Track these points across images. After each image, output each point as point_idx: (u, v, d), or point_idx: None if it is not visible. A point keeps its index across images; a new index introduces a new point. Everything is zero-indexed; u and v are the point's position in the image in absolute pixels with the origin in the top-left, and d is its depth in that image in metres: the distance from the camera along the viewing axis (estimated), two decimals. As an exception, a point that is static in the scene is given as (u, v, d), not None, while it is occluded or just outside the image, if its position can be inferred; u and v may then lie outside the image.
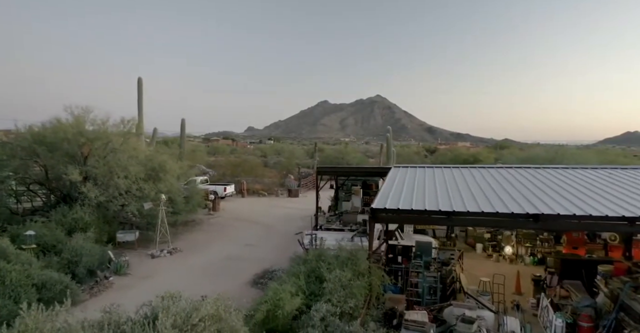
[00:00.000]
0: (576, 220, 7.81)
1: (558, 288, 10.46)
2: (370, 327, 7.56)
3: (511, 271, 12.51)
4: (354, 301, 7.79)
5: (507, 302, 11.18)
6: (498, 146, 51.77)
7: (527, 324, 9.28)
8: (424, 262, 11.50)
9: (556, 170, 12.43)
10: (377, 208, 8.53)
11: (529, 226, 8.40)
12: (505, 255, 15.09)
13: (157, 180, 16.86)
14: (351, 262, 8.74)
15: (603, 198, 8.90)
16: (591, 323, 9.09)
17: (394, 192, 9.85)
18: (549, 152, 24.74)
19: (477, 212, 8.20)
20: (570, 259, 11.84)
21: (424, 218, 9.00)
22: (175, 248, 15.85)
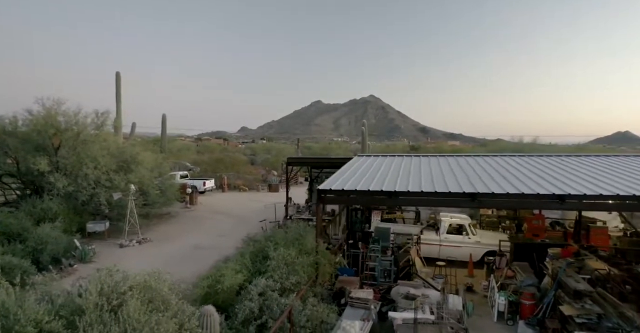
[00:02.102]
0: (508, 198, 8.10)
1: (505, 269, 10.80)
2: (309, 301, 7.81)
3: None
4: (296, 278, 8.03)
5: (461, 284, 11.57)
6: (481, 144, 52.51)
7: (470, 302, 9.60)
8: (381, 246, 11.83)
9: (511, 158, 12.79)
10: (322, 189, 8.79)
11: (467, 205, 8.70)
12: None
13: (129, 171, 17.02)
14: (298, 241, 8.98)
15: (542, 179, 9.23)
16: (533, 301, 9.41)
17: (345, 176, 10.11)
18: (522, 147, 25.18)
19: (417, 192, 8.49)
20: (522, 243, 12.21)
21: (368, 199, 9.27)
22: (145, 238, 16.00)
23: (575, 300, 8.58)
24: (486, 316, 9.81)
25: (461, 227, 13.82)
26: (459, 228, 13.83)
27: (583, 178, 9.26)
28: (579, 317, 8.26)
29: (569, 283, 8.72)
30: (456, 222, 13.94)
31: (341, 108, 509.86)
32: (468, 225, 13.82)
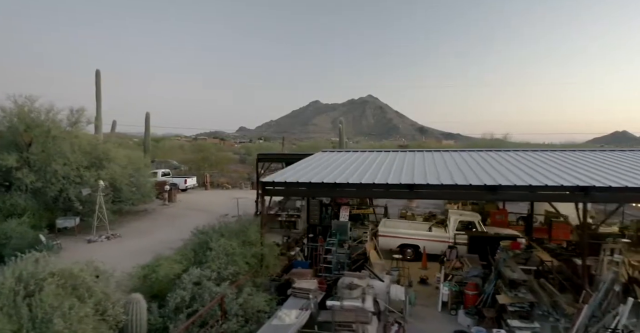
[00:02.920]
0: (442, 189, 8.27)
1: (454, 261, 10.98)
2: (246, 291, 7.97)
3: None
4: (234, 268, 8.18)
5: (416, 276, 11.78)
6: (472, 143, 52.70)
7: (413, 292, 9.77)
8: (337, 240, 12.00)
9: (468, 153, 12.97)
10: (265, 181, 8.96)
11: (405, 195, 8.88)
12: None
13: (101, 167, 17.16)
14: (242, 233, 9.13)
15: (484, 171, 9.40)
16: (476, 291, 9.58)
17: (295, 170, 10.29)
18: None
19: (357, 184, 8.65)
20: (477, 236, 12.38)
21: (310, 190, 9.43)
22: (114, 234, 16.14)
23: (511, 289, 8.77)
24: (433, 306, 10.00)
25: (470, 223, 13.69)
26: (469, 224, 13.72)
27: (524, 171, 9.43)
28: (512, 305, 8.44)
29: (506, 273, 8.90)
30: (466, 219, 13.81)
31: (339, 108, 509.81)
32: (477, 222, 13.72)
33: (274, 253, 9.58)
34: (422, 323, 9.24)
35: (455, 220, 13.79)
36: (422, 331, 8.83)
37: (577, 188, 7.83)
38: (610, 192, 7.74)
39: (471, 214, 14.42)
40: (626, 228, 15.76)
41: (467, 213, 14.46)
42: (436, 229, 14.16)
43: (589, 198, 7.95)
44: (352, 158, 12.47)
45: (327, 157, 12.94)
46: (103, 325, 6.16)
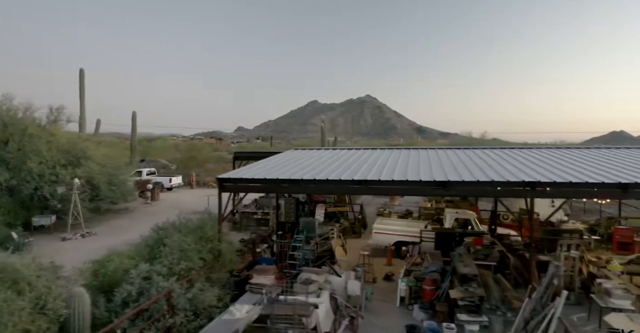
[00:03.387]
0: (393, 185, 8.37)
1: (415, 257, 11.07)
2: (197, 286, 8.06)
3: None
4: (187, 263, 8.26)
5: (382, 272, 11.88)
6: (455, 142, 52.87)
7: (369, 288, 9.88)
8: (305, 237, 12.10)
9: (435, 151, 13.07)
10: (222, 177, 9.05)
11: (357, 191, 8.98)
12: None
13: (78, 166, 17.23)
14: (200, 229, 9.22)
15: (440, 168, 9.50)
16: (433, 286, 9.67)
17: (257, 167, 10.38)
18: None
19: (310, 180, 8.75)
20: (443, 232, 12.48)
21: (266, 187, 9.51)
22: (89, 232, 16.21)
23: (462, 283, 8.86)
24: (392, 302, 10.08)
25: (467, 221, 13.80)
26: (465, 222, 13.81)
27: (479, 166, 9.53)
28: (463, 299, 8.54)
29: (458, 268, 9.00)
30: (462, 217, 13.91)
31: (338, 108, 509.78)
32: (474, 219, 13.83)
33: (233, 250, 9.65)
34: (378, 317, 9.33)
35: (451, 218, 13.94)
36: (376, 325, 8.92)
37: (523, 183, 7.91)
38: (555, 187, 7.82)
39: (467, 212, 14.53)
40: (598, 225, 15.88)
41: (463, 212, 14.56)
42: (432, 227, 14.22)
43: (535, 194, 8.03)
44: (319, 156, 12.56)
45: (296, 154, 13.03)
46: (42, 319, 6.23)
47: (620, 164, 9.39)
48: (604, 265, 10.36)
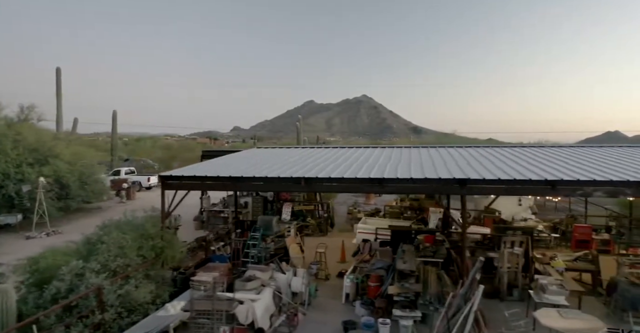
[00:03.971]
0: (331, 182, 8.45)
1: (364, 254, 11.17)
2: (131, 283, 8.13)
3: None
4: (123, 261, 8.32)
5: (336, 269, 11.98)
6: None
7: (313, 284, 9.96)
8: (261, 234, 12.17)
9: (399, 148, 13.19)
10: (163, 175, 9.12)
11: (297, 189, 9.06)
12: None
13: (45, 164, 17.23)
14: (141, 227, 9.28)
15: (382, 166, 9.59)
16: (378, 283, 9.77)
17: (205, 164, 10.44)
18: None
19: (249, 177, 8.82)
20: (398, 230, 12.59)
21: (209, 184, 9.57)
22: (55, 230, 16.23)
23: (400, 279, 8.97)
24: (340, 298, 10.16)
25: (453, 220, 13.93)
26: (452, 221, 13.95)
27: (421, 164, 9.63)
28: (399, 295, 8.64)
29: (397, 265, 9.10)
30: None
31: (334, 108, 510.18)
32: (458, 219, 13.90)
33: (178, 247, 9.71)
34: (321, 314, 9.42)
35: (435, 217, 14.10)
36: (315, 321, 9.01)
37: (453, 180, 8.01)
38: (484, 184, 7.92)
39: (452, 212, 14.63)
40: (559, 223, 16.04)
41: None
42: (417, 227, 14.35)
43: (466, 191, 8.12)
44: (278, 154, 12.64)
45: (256, 152, 13.10)
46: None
47: (555, 162, 9.53)
48: (547, 262, 10.50)
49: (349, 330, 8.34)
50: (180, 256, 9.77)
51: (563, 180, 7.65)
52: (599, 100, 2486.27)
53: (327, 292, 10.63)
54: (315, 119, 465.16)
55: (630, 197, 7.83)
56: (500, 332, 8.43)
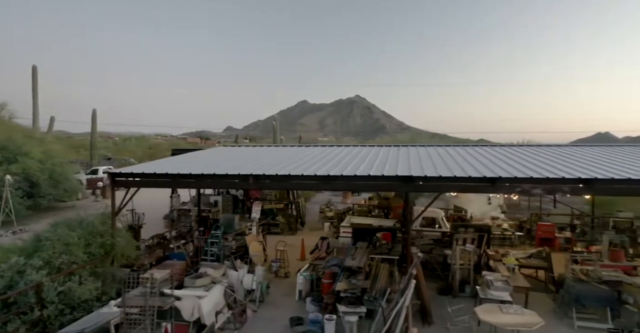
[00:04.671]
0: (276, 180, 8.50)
1: (320, 252, 11.25)
2: (74, 279, 8.12)
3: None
4: (68, 257, 8.31)
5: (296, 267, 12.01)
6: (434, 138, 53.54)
7: (265, 281, 10.00)
8: (222, 232, 12.19)
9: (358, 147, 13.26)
10: (111, 172, 9.11)
11: (245, 186, 9.10)
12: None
13: (14, 162, 17.10)
14: (91, 224, 9.26)
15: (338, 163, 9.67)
16: (331, 280, 9.82)
17: (159, 162, 10.45)
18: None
19: (197, 174, 8.85)
20: (359, 228, 12.68)
21: (160, 182, 9.59)
22: (21, 228, 16.10)
23: (349, 276, 9.04)
24: (294, 295, 10.21)
25: (434, 220, 14.14)
26: (433, 221, 14.12)
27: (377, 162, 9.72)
28: (345, 291, 8.71)
29: (346, 262, 9.18)
30: (430, 216, 14.21)
31: (327, 108, 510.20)
32: (441, 218, 14.18)
33: (131, 245, 9.70)
34: (272, 310, 9.48)
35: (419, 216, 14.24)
36: (265, 318, 9.07)
37: (397, 178, 8.10)
38: (427, 181, 8.02)
39: (434, 211, 14.82)
40: (525, 222, 16.23)
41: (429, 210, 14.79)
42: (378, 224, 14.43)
43: (411, 188, 8.22)
44: (239, 151, 12.68)
45: (219, 151, 13.13)
46: None
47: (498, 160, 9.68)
48: (500, 259, 10.63)
49: (295, 326, 8.40)
50: (132, 253, 9.74)
51: (502, 177, 7.77)
52: (590, 102, 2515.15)
53: (284, 290, 10.70)
54: (308, 119, 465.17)
55: (567, 194, 7.94)
56: (445, 327, 8.54)
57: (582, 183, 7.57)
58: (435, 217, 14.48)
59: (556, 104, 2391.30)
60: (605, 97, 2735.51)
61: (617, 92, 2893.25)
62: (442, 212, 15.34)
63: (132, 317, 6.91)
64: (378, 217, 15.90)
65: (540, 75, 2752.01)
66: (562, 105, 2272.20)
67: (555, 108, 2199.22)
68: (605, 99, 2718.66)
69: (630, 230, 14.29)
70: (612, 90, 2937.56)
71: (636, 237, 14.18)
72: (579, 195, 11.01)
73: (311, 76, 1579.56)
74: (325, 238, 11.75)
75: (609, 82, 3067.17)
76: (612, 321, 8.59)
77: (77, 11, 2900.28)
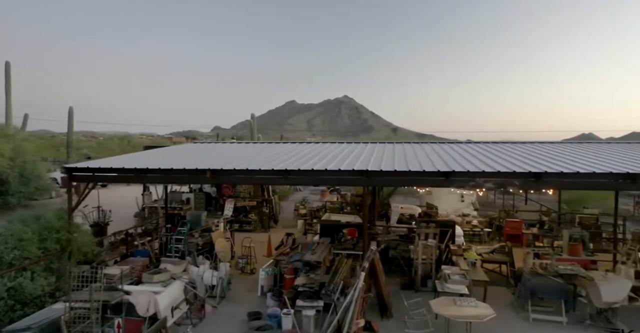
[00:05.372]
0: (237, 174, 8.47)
1: (285, 247, 11.25)
2: (28, 275, 7.99)
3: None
4: (19, 253, 8.17)
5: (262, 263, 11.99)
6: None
7: (226, 277, 9.97)
8: (188, 229, 12.09)
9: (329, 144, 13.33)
10: (68, 167, 8.97)
11: (203, 180, 9.06)
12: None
13: (-20, 160, 16.76)
14: (47, 220, 9.13)
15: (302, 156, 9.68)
16: (293, 275, 9.83)
17: (120, 157, 10.34)
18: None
19: (155, 169, 8.77)
20: (326, 224, 12.70)
21: (118, 177, 9.49)
22: (-14, 226, 15.77)
23: (308, 271, 9.06)
24: (257, 291, 10.19)
25: (412, 216, 14.26)
26: (410, 218, 14.24)
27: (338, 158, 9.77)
28: (304, 286, 8.72)
29: (305, 256, 9.20)
30: (407, 212, 14.42)
31: (315, 108, 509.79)
32: (418, 214, 14.31)
33: (90, 241, 9.59)
34: (233, 306, 9.45)
35: (396, 213, 14.34)
36: (224, 313, 9.03)
37: (354, 172, 8.15)
38: (382, 175, 8.09)
39: (412, 207, 15.11)
40: (495, 218, 16.45)
41: (408, 207, 15.23)
42: (379, 222, 14.69)
43: (369, 182, 8.27)
44: (207, 148, 12.62)
45: (187, 147, 13.04)
46: None
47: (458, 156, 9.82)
48: (461, 254, 10.76)
49: (252, 320, 8.38)
50: (91, 249, 9.61)
51: (455, 171, 7.87)
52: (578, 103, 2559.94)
53: (248, 286, 10.67)
54: (297, 119, 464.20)
55: (519, 188, 8.08)
56: (403, 320, 8.60)
57: (533, 177, 7.70)
58: (413, 213, 14.63)
59: (543, 104, 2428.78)
60: (592, 98, 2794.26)
61: (603, 94, 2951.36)
62: (419, 209, 15.52)
63: (79, 312, 6.82)
64: (351, 214, 15.96)
65: (528, 75, 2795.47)
66: (549, 106, 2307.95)
67: (541, 109, 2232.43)
68: (591, 100, 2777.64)
69: (595, 226, 14.63)
70: (599, 91, 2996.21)
71: (601, 232, 14.53)
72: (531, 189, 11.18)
73: (300, 76, 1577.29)
74: (290, 235, 11.76)
75: (596, 82, 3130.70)
76: (566, 314, 8.75)
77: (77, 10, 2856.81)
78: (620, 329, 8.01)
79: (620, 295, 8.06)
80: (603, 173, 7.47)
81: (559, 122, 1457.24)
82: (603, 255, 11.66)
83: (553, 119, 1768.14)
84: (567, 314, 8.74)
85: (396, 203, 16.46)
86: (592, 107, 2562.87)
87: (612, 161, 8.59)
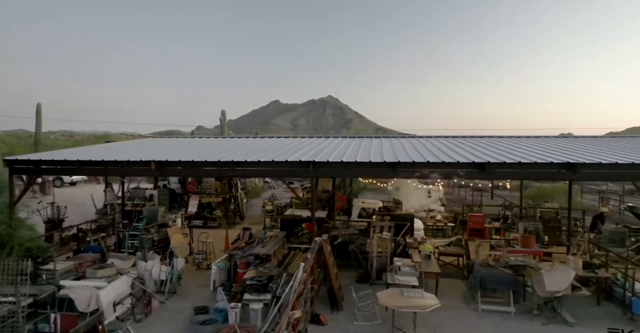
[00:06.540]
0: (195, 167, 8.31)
1: (241, 242, 11.12)
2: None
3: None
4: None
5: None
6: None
7: (176, 272, 9.78)
8: (144, 224, 11.84)
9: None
10: (8, 159, 8.67)
11: (147, 172, 8.87)
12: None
13: None
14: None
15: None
16: (246, 269, 9.70)
17: (66, 151, 10.04)
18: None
19: (99, 161, 8.55)
20: (287, 219, 12.62)
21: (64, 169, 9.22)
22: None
23: (258, 264, 8.95)
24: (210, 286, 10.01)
25: (374, 211, 14.23)
26: (372, 212, 14.20)
27: (290, 151, 9.67)
28: (252, 279, 8.60)
29: (255, 250, 9.09)
30: (369, 207, 14.37)
31: (299, 108, 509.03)
32: (379, 208, 14.39)
33: (34, 236, 9.27)
34: (182, 301, 9.24)
35: (357, 208, 14.25)
36: (172, 309, 8.81)
37: (302, 163, 8.09)
38: (329, 167, 8.04)
39: (374, 202, 15.13)
40: (459, 213, 16.61)
41: (369, 202, 15.30)
42: (341, 217, 14.50)
43: (317, 173, 8.23)
44: (161, 142, 12.40)
45: (145, 142, 12.77)
46: None
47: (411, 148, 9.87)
48: (416, 247, 10.79)
49: (198, 314, 8.22)
50: (34, 245, 9.29)
51: (400, 162, 7.86)
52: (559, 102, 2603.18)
53: (202, 281, 10.47)
54: (281, 119, 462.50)
55: (464, 178, 8.12)
56: (352, 312, 8.56)
57: (477, 168, 7.75)
58: (375, 208, 14.69)
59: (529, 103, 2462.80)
60: (572, 98, 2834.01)
61: (584, 94, 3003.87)
62: (381, 203, 15.61)
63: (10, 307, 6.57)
64: (317, 209, 15.88)
65: (512, 74, 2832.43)
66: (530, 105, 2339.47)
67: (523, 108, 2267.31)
68: (572, 99, 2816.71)
69: (555, 219, 14.89)
70: (579, 91, 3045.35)
71: (560, 226, 14.80)
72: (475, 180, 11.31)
73: (284, 76, 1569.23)
74: (247, 229, 11.61)
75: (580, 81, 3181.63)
76: (515, 304, 8.84)
77: (76, 10, 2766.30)
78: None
79: (563, 285, 8.17)
80: (544, 163, 7.56)
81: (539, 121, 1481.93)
82: (559, 248, 11.87)
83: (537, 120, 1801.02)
84: (516, 304, 8.84)
85: (358, 199, 16.49)
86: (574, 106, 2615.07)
87: (556, 152, 8.73)
